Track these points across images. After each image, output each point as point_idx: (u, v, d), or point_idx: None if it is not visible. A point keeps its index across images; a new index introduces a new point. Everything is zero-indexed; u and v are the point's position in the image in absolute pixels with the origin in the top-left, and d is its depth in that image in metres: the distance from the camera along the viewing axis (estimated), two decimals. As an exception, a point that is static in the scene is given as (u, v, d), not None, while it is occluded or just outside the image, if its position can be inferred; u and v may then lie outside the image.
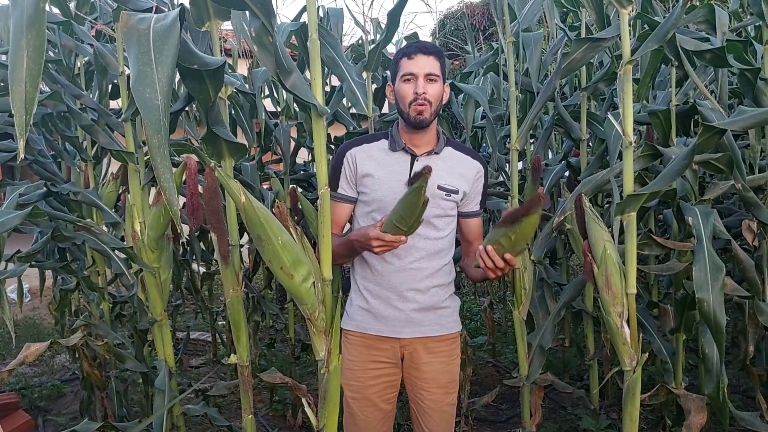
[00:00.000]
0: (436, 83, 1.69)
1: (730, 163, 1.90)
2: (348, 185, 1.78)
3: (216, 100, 1.45)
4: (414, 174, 1.35)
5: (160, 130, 0.96)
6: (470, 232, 1.85)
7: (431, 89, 1.68)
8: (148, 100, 0.97)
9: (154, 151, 0.96)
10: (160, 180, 0.97)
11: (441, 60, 1.72)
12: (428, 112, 1.68)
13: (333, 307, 1.52)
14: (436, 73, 1.68)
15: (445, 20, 13.28)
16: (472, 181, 1.79)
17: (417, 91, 1.66)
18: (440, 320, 1.78)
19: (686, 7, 1.72)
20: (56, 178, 2.59)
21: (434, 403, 1.79)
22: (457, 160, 1.79)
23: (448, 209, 1.76)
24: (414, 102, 1.66)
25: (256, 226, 1.37)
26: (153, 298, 2.09)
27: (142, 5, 1.69)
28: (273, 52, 1.30)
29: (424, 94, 1.66)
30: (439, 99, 1.71)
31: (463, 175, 1.77)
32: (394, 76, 1.75)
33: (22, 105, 0.90)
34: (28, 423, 2.91)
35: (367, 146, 1.79)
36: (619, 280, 1.66)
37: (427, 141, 1.76)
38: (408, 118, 1.70)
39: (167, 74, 1.00)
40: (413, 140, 1.75)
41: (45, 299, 5.42)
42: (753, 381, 2.35)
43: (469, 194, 1.79)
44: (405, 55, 1.70)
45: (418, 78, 1.66)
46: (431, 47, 1.72)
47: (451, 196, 1.74)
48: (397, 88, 1.72)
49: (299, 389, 1.95)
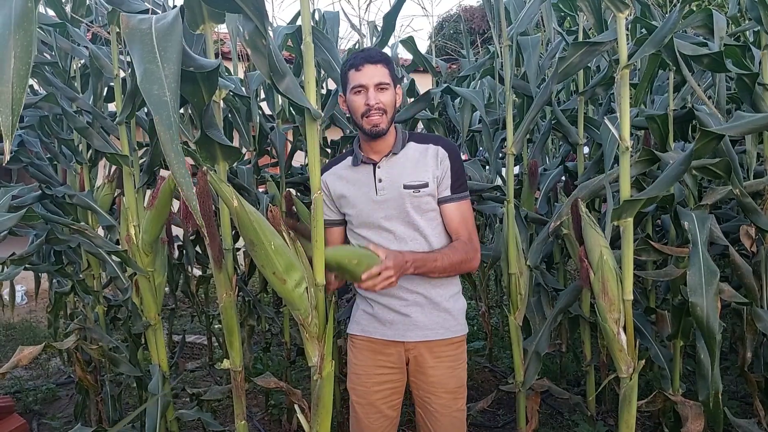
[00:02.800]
0: (387, 91, 1.69)
1: (728, 169, 1.89)
2: (330, 210, 1.82)
3: (210, 103, 1.44)
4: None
5: (171, 126, 0.95)
6: (448, 222, 1.76)
7: (383, 98, 1.68)
8: (156, 97, 0.96)
9: (168, 147, 0.95)
10: (176, 175, 0.96)
11: (389, 66, 1.71)
12: (384, 121, 1.68)
13: (326, 312, 1.50)
14: (385, 81, 1.68)
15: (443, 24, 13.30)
16: (435, 166, 1.74)
17: (369, 102, 1.66)
18: (445, 323, 1.77)
19: (684, 11, 1.72)
20: (52, 180, 2.58)
21: (443, 408, 1.78)
22: (420, 152, 1.76)
23: (424, 204, 1.72)
24: (367, 114, 1.67)
25: (249, 230, 1.36)
26: (147, 301, 2.08)
27: (137, 7, 1.68)
28: (266, 55, 1.29)
29: (378, 104, 1.66)
30: (393, 105, 1.72)
31: (425, 165, 1.73)
32: (345, 88, 1.74)
33: (8, 106, 0.89)
34: (22, 426, 2.89)
35: (335, 168, 1.83)
36: (616, 286, 1.65)
37: (386, 146, 1.76)
38: (363, 130, 1.71)
39: (174, 71, 0.99)
40: (374, 148, 1.76)
41: (41, 302, 5.40)
42: (751, 387, 2.34)
43: (438, 178, 1.74)
44: (352, 66, 1.69)
45: (369, 89, 1.66)
46: (377, 55, 1.70)
47: (420, 191, 1.71)
48: (349, 100, 1.72)
49: (293, 394, 1.94)
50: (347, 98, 1.73)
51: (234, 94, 2.70)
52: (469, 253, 1.73)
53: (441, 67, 3.63)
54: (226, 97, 2.67)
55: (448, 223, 1.76)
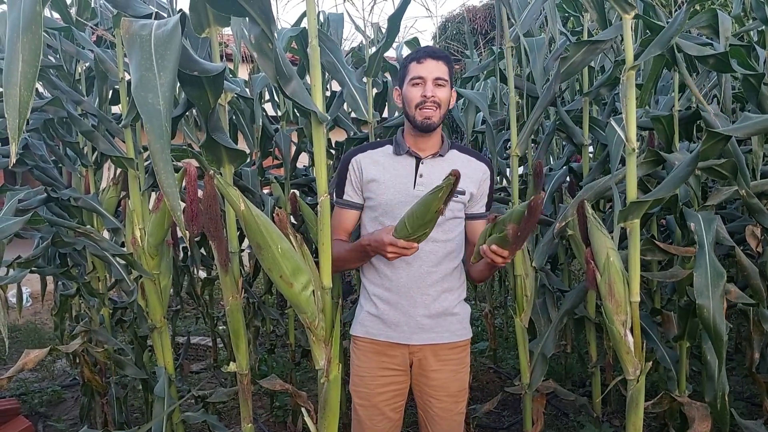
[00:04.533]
0: (444, 88, 1.71)
1: (735, 169, 1.88)
2: (354, 191, 1.80)
3: (216, 106, 1.44)
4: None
5: (162, 135, 0.95)
6: (475, 234, 1.81)
7: (439, 93, 1.70)
8: (150, 106, 0.96)
9: (157, 157, 0.95)
10: (163, 185, 0.96)
11: (449, 65, 1.74)
12: (436, 116, 1.70)
13: (333, 315, 1.50)
14: (444, 78, 1.70)
15: (447, 24, 13.30)
16: (479, 183, 1.80)
17: (425, 94, 1.67)
18: (451, 327, 1.77)
19: (689, 12, 1.71)
20: (57, 183, 2.59)
21: (443, 411, 1.78)
22: (463, 163, 1.79)
23: (456, 211, 1.76)
24: (422, 105, 1.68)
25: (256, 233, 1.36)
26: (152, 304, 2.08)
27: (142, 11, 1.68)
28: (273, 59, 1.29)
29: (433, 97, 1.68)
30: (447, 103, 1.74)
31: (469, 177, 1.77)
32: (402, 80, 1.76)
33: (16, 109, 0.89)
34: (28, 429, 2.90)
35: (372, 152, 1.81)
36: (623, 287, 1.64)
37: (432, 144, 1.77)
38: (415, 121, 1.71)
39: (169, 79, 0.99)
40: (418, 144, 1.77)
41: (47, 304, 5.42)
42: (758, 388, 2.33)
43: (475, 196, 1.80)
44: (414, 59, 1.71)
45: (427, 82, 1.68)
46: (440, 52, 1.73)
47: (458, 197, 1.73)
48: (405, 91, 1.73)
49: (299, 396, 1.93)
50: (403, 90, 1.74)
51: (238, 96, 2.70)
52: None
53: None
54: (231, 100, 2.67)
55: (473, 235, 1.81)
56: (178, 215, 0.97)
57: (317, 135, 1.44)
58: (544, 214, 2.73)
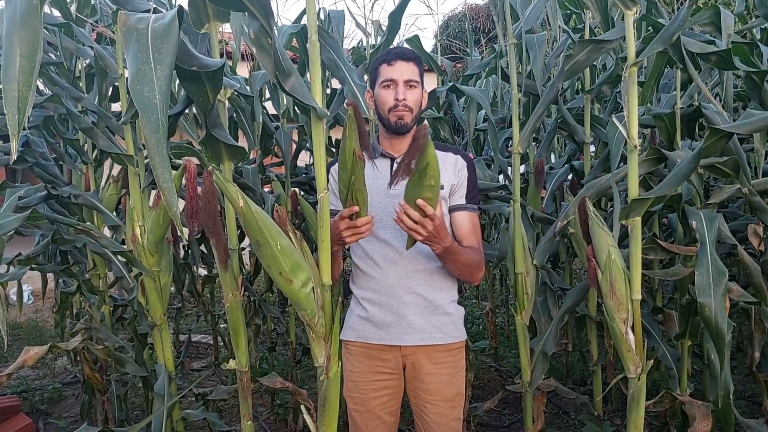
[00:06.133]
0: (415, 89, 1.71)
1: (737, 167, 1.87)
2: (336, 199, 1.79)
3: (215, 102, 1.44)
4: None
5: (158, 129, 0.94)
6: (459, 228, 1.76)
7: (411, 95, 1.69)
8: (146, 99, 0.95)
9: (153, 151, 0.94)
10: (159, 181, 0.95)
11: (419, 66, 1.74)
12: (409, 118, 1.70)
13: (333, 313, 1.50)
14: (415, 79, 1.70)
15: (449, 22, 13.27)
16: (454, 173, 1.76)
17: (397, 97, 1.68)
18: (444, 328, 1.74)
19: (691, 9, 1.70)
20: (57, 180, 2.58)
21: (439, 417, 1.74)
22: (440, 158, 1.76)
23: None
24: (394, 108, 1.69)
25: (255, 230, 1.35)
26: (153, 301, 2.07)
27: (141, 7, 1.68)
28: (272, 54, 1.29)
29: (405, 101, 1.68)
30: (419, 105, 1.74)
31: (445, 169, 1.73)
32: (374, 82, 1.75)
33: (15, 104, 0.88)
34: (29, 426, 2.89)
35: None
36: (624, 286, 1.63)
37: (407, 144, 1.75)
38: (388, 124, 1.72)
39: (166, 73, 0.98)
40: (393, 145, 1.77)
41: (48, 301, 5.43)
42: (759, 387, 2.32)
43: (455, 186, 1.76)
44: (384, 61, 1.71)
45: (398, 84, 1.68)
46: (410, 54, 1.72)
47: None
48: (377, 94, 1.73)
49: (299, 394, 1.93)
50: (375, 92, 1.74)
51: (238, 94, 2.70)
52: (480, 262, 1.73)
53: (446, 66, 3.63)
54: (231, 97, 2.67)
55: (458, 229, 1.76)
56: (173, 210, 0.96)
57: (317, 131, 1.43)
58: (546, 212, 2.73)
